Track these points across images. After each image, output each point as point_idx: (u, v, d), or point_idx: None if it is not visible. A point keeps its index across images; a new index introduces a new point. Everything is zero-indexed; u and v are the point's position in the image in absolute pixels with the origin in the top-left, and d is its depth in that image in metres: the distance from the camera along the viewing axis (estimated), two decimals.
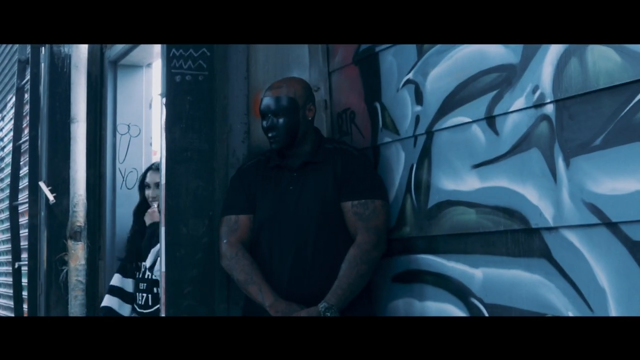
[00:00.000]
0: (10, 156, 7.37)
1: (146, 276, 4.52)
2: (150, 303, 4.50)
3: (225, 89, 3.92)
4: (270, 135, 3.65)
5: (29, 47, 5.84)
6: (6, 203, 6.91)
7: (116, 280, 4.68)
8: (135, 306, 4.62)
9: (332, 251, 3.56)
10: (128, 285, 4.63)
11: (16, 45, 7.06)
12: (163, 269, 3.74)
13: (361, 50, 3.85)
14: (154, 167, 4.79)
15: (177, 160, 3.79)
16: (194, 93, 3.83)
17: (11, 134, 7.31)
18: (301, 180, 3.64)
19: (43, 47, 5.45)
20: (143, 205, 4.83)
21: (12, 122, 7.28)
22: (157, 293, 4.37)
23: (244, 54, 3.97)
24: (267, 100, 3.65)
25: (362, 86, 3.86)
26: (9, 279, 6.05)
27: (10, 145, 7.31)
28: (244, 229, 3.67)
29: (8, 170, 7.24)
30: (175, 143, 3.79)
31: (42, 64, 5.49)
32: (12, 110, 7.34)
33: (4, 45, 7.96)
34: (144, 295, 4.55)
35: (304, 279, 3.55)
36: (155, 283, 4.39)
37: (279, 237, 3.61)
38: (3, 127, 7.84)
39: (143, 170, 4.93)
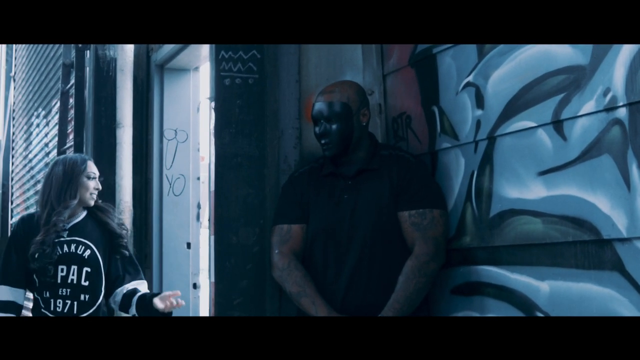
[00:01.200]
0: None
1: (69, 280, 3.98)
2: (75, 311, 3.96)
3: (276, 93, 3.86)
4: (323, 142, 3.57)
5: (73, 51, 5.82)
6: None
7: (5, 294, 4.00)
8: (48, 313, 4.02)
9: (388, 262, 3.48)
10: (19, 297, 4.00)
11: (60, 49, 7.07)
12: (212, 280, 3.68)
13: (417, 52, 3.76)
14: None
15: (227, 166, 3.74)
16: (243, 97, 3.78)
17: (56, 139, 7.33)
18: (356, 189, 3.56)
19: (88, 51, 5.44)
20: None
21: (57, 127, 7.30)
22: (85, 301, 3.97)
23: (295, 56, 3.91)
24: (320, 106, 3.57)
25: (418, 89, 3.77)
26: None
27: (55, 150, 7.33)
28: (297, 239, 3.60)
29: None
30: (224, 148, 3.73)
31: (87, 68, 5.48)
32: (57, 115, 7.35)
33: (48, 50, 7.98)
34: (68, 302, 3.99)
35: (360, 291, 3.48)
36: (85, 290, 3.98)
37: (334, 248, 3.53)
38: (48, 132, 7.85)
39: None
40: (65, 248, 4.00)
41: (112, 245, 4.08)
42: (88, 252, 4.02)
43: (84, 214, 4.13)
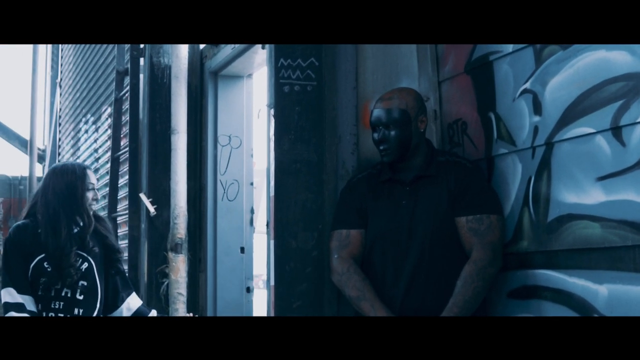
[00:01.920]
0: (105, 167, 7.54)
1: (63, 293, 3.82)
2: None
3: (333, 99, 3.96)
4: (381, 148, 3.66)
5: (127, 58, 5.96)
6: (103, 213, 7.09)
7: (11, 296, 3.82)
8: None
9: (446, 267, 3.57)
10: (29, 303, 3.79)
11: (110, 57, 7.21)
12: (272, 283, 3.78)
13: (474, 59, 3.85)
14: None
15: (286, 171, 3.84)
16: (302, 103, 3.88)
17: (106, 144, 7.47)
18: (414, 195, 3.65)
19: (142, 58, 5.55)
20: None
21: (108, 132, 7.44)
22: (79, 315, 3.82)
23: (352, 64, 4.00)
24: (378, 112, 3.67)
25: (474, 96, 3.85)
26: None
27: (106, 156, 7.47)
28: (355, 243, 3.69)
29: (104, 181, 7.39)
30: (284, 154, 3.84)
31: (142, 75, 5.60)
32: (107, 122, 7.50)
33: (97, 56, 8.14)
34: (60, 316, 3.80)
35: (419, 295, 3.57)
36: (79, 304, 3.85)
37: (393, 253, 3.62)
38: (97, 138, 8.00)
39: None
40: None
41: (110, 259, 3.99)
42: (85, 264, 3.89)
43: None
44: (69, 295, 3.81)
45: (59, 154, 11.12)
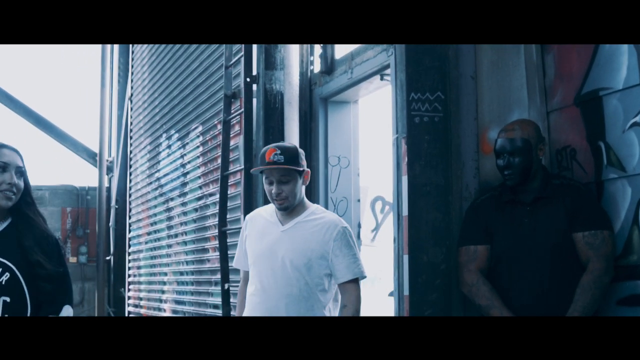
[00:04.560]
0: (195, 182, 8.10)
1: None
2: None
3: (457, 129, 4.48)
4: (506, 173, 4.19)
5: (238, 82, 6.49)
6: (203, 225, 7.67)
7: None
8: None
9: (565, 278, 4.09)
10: None
11: (205, 76, 7.75)
12: (406, 293, 4.30)
13: (583, 94, 4.36)
14: None
15: (418, 194, 4.36)
16: (431, 133, 4.40)
17: (198, 160, 8.04)
18: (534, 214, 4.18)
19: (255, 85, 6.09)
20: None
21: (199, 149, 8.01)
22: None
23: (473, 97, 4.52)
24: (502, 142, 4.20)
25: (583, 126, 4.38)
26: (219, 300, 6.69)
27: (198, 171, 8.04)
28: (482, 258, 4.22)
29: (196, 194, 7.96)
30: (415, 178, 4.36)
31: (255, 100, 6.13)
32: (198, 139, 8.06)
33: (185, 76, 8.68)
34: None
35: (542, 304, 4.09)
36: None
37: (517, 266, 4.16)
38: (185, 154, 8.55)
39: None
40: None
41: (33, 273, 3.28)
42: (7, 275, 3.24)
43: (7, 221, 3.38)
44: None
45: (130, 166, 11.67)
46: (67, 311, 3.35)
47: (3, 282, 3.19)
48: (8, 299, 3.17)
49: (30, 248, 3.28)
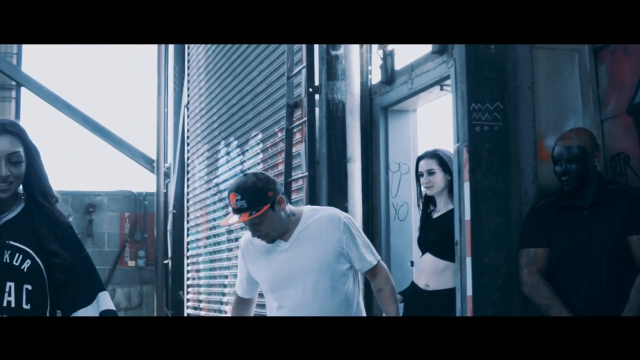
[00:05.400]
0: None
1: (5, 304, 3.03)
2: None
3: (516, 137, 4.70)
4: (563, 179, 4.43)
5: (300, 91, 6.78)
6: None
7: None
8: None
9: (621, 279, 4.32)
10: None
11: (265, 84, 8.03)
12: (469, 293, 4.55)
13: (635, 103, 4.58)
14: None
15: (480, 199, 4.60)
16: (491, 141, 4.64)
17: (258, 167, 8.33)
18: (591, 218, 4.41)
19: (317, 95, 6.37)
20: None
21: (260, 156, 8.31)
22: None
23: (530, 106, 4.75)
24: (560, 149, 4.44)
25: (636, 134, 4.60)
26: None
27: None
28: (541, 260, 4.46)
29: None
30: (477, 185, 4.60)
31: (317, 109, 6.41)
32: (259, 146, 8.36)
33: (243, 84, 8.98)
34: None
35: (598, 304, 4.32)
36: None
37: (575, 268, 4.39)
38: (244, 160, 8.86)
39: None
40: None
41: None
42: (28, 262, 3.12)
43: (20, 206, 3.25)
44: (12, 305, 3.04)
45: (187, 172, 12.01)
46: (104, 299, 3.26)
47: (25, 270, 3.07)
48: (30, 287, 3.06)
49: (44, 237, 3.15)
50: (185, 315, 11.80)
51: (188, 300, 11.79)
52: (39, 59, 19.33)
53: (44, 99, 13.92)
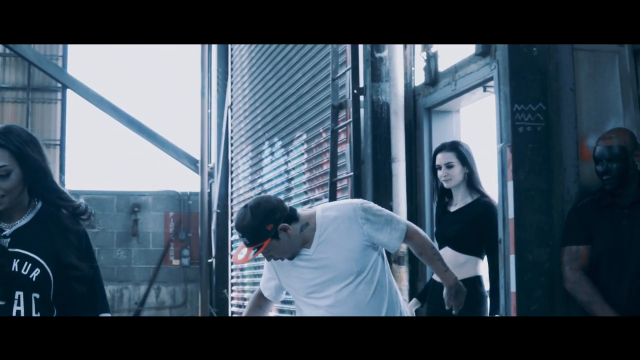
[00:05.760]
0: (300, 187, 8.56)
1: (14, 313, 3.05)
2: None
3: (559, 137, 4.82)
4: (604, 178, 4.55)
5: (345, 93, 6.93)
6: None
7: None
8: None
9: None
10: None
11: (318, 89, 8.19)
12: (513, 290, 4.68)
13: None
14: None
15: (523, 198, 4.73)
16: (533, 141, 4.77)
17: (302, 167, 8.50)
18: (632, 217, 4.53)
19: (362, 96, 6.53)
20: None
21: (304, 156, 8.47)
22: None
23: (572, 107, 4.86)
24: (601, 149, 4.56)
25: None
26: None
27: (303, 177, 8.50)
28: (584, 257, 4.58)
29: (300, 198, 8.42)
30: (520, 184, 4.73)
31: (362, 110, 6.57)
32: (303, 146, 8.52)
33: (287, 86, 9.14)
34: None
35: (638, 303, 4.42)
36: None
37: (617, 265, 4.50)
38: (289, 161, 9.03)
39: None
40: (6, 266, 3.07)
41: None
42: (37, 271, 3.09)
43: (32, 213, 3.21)
44: (21, 314, 3.03)
45: (232, 172, 12.19)
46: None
47: (34, 279, 3.04)
48: (38, 296, 3.05)
49: (61, 250, 3.11)
50: (230, 313, 11.98)
51: (232, 298, 11.97)
52: (84, 61, 19.60)
53: (90, 100, 14.21)
